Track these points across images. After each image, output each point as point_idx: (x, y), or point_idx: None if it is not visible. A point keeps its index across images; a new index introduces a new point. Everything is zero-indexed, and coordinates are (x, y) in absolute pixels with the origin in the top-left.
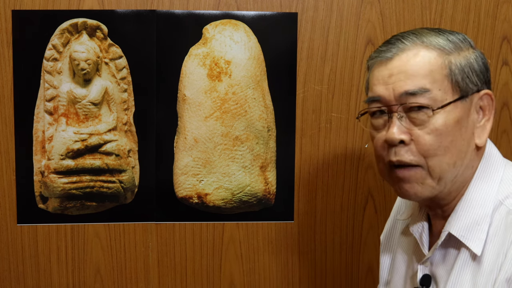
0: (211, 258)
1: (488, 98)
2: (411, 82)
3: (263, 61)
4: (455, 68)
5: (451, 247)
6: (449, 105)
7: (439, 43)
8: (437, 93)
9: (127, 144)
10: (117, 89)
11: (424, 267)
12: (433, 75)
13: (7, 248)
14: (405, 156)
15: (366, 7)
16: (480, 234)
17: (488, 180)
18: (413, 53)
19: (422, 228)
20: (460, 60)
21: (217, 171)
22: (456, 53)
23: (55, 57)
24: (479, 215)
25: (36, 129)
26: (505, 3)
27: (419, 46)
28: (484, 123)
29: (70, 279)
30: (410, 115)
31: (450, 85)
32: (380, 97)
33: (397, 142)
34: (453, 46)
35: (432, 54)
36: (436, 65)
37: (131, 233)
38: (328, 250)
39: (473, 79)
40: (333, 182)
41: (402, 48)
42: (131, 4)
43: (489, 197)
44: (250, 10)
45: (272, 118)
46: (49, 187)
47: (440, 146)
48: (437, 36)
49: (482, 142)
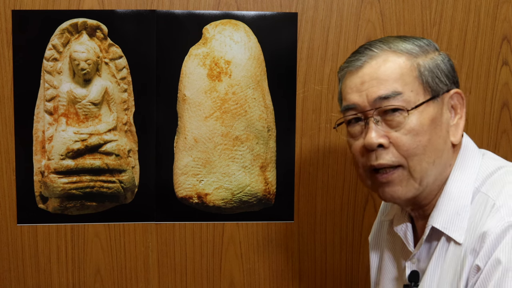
0: (211, 258)
1: (458, 96)
2: (383, 87)
3: (263, 61)
4: (424, 70)
5: (434, 240)
6: (422, 105)
7: (406, 47)
8: (410, 94)
9: (127, 144)
10: (117, 89)
11: (411, 264)
12: (404, 78)
13: (7, 248)
14: (386, 158)
15: (366, 7)
16: (461, 223)
17: (465, 172)
18: (382, 59)
19: (406, 227)
20: (428, 61)
21: (217, 171)
22: (423, 56)
23: (55, 57)
24: (459, 205)
25: (36, 129)
26: (505, 3)
27: (387, 52)
28: (457, 121)
29: (70, 279)
30: (385, 119)
31: (421, 86)
32: (355, 104)
33: (376, 146)
34: (420, 49)
35: (401, 59)
36: (405, 68)
37: (131, 233)
38: (328, 250)
39: (443, 79)
40: (333, 182)
41: (371, 55)
42: (131, 4)
43: (467, 187)
44: (250, 10)
45: (272, 118)
46: (49, 187)
47: (418, 145)
48: (404, 42)
49: (457, 139)
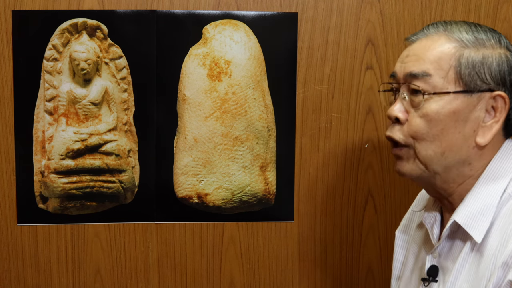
0: (211, 258)
1: (501, 100)
2: (418, 64)
3: (263, 61)
4: (465, 62)
5: (458, 238)
6: (447, 94)
7: (461, 36)
8: (439, 80)
9: (127, 144)
10: (117, 89)
11: (432, 258)
12: (440, 63)
13: (7, 248)
14: (396, 134)
15: (366, 7)
16: (483, 222)
17: (498, 176)
18: (432, 40)
19: (435, 219)
20: (475, 55)
21: (217, 171)
22: (475, 49)
23: (55, 57)
24: (485, 205)
25: (36, 129)
26: (505, 3)
27: (441, 34)
28: (491, 123)
29: (70, 279)
30: (411, 97)
31: (455, 76)
32: (395, 73)
33: (394, 119)
34: (475, 41)
35: (448, 44)
36: (447, 54)
37: (131, 233)
38: (328, 250)
39: (484, 76)
40: (333, 182)
41: (426, 33)
42: (131, 4)
43: (497, 190)
44: (250, 10)
45: (272, 118)
46: (49, 187)
47: (428, 132)
48: (465, 30)
49: (485, 141)
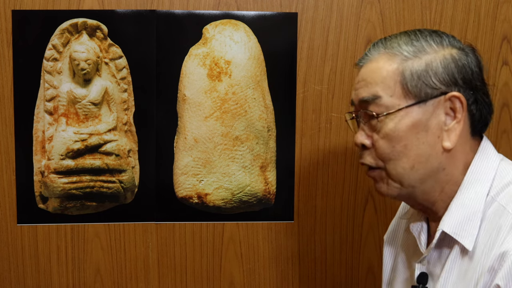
0: (211, 258)
1: (456, 100)
2: (367, 89)
3: (263, 61)
4: (408, 74)
5: (445, 245)
6: (400, 111)
7: (400, 50)
8: (388, 99)
9: (127, 144)
10: (117, 89)
11: (421, 266)
12: (386, 82)
13: (7, 248)
14: (367, 159)
15: (366, 7)
16: (471, 229)
17: (480, 179)
18: (376, 62)
19: (421, 228)
20: (417, 65)
21: (217, 171)
22: (416, 58)
23: (55, 57)
24: (471, 211)
25: (36, 129)
26: (505, 3)
27: (382, 54)
28: (453, 125)
29: (70, 279)
30: (369, 122)
31: (403, 91)
32: (353, 101)
33: (360, 146)
34: (415, 50)
35: (390, 61)
36: (390, 71)
37: (131, 233)
38: (328, 250)
39: (432, 83)
40: (333, 182)
41: (369, 57)
42: (131, 4)
43: (481, 194)
44: (250, 10)
45: (272, 118)
46: (49, 187)
47: (393, 150)
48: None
49: (451, 144)
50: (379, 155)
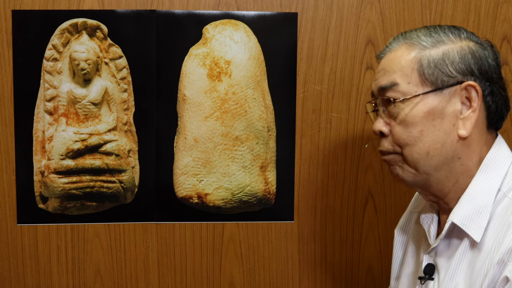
0: (211, 258)
1: (472, 89)
2: (386, 77)
3: (263, 61)
4: (425, 62)
5: (454, 237)
6: (417, 97)
7: (419, 40)
8: (405, 86)
9: (127, 144)
10: (117, 89)
11: (429, 257)
12: (403, 70)
13: (7, 248)
14: (385, 146)
15: (366, 7)
16: (480, 222)
17: (492, 173)
18: (394, 52)
19: (432, 220)
20: (435, 54)
21: (217, 171)
22: (434, 48)
23: (55, 57)
24: (481, 204)
25: (36, 129)
26: (505, 3)
27: (401, 45)
28: (468, 114)
29: (70, 279)
30: (386, 108)
31: (420, 78)
32: (373, 91)
33: (378, 134)
34: (433, 41)
35: (408, 51)
36: (408, 60)
37: (131, 233)
38: (328, 250)
39: (448, 71)
40: (333, 182)
41: (390, 48)
42: (131, 4)
43: (492, 188)
44: (250, 10)
45: (272, 118)
46: (49, 187)
47: (409, 136)
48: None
49: (466, 132)
50: (396, 141)
